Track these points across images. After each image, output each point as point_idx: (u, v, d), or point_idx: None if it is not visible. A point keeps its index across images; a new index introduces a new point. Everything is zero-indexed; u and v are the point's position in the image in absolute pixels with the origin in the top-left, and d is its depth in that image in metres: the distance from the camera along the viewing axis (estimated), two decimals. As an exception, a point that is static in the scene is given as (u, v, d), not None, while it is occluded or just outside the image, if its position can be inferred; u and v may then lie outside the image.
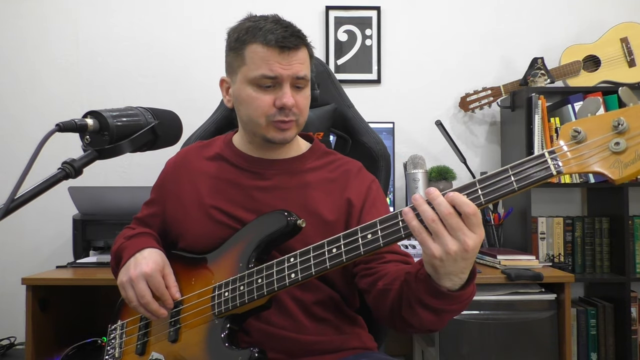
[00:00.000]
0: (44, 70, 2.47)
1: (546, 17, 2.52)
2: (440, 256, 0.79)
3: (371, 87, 2.51)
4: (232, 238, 1.06)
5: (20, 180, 0.69)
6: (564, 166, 0.76)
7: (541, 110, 2.18)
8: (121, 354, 1.12)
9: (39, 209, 2.09)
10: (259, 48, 1.03)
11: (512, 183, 0.77)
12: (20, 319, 1.80)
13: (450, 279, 0.83)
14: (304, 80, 1.07)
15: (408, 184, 2.12)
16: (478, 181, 0.80)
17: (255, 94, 1.05)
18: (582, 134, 0.75)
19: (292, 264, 0.94)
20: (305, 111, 1.10)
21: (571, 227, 2.28)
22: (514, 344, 1.72)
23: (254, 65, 1.04)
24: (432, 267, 0.83)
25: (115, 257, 1.15)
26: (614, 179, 0.73)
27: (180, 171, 1.19)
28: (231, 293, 0.99)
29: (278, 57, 1.03)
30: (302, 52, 1.06)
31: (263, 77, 1.03)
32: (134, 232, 1.17)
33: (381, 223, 0.86)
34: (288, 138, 1.09)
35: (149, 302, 1.01)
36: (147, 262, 1.04)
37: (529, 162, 0.77)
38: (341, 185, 1.12)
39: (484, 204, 0.79)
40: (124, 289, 1.05)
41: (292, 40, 1.03)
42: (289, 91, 1.04)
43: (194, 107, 2.06)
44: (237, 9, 2.46)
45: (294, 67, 1.04)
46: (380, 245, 0.85)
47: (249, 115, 1.08)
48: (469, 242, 0.77)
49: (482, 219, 2.17)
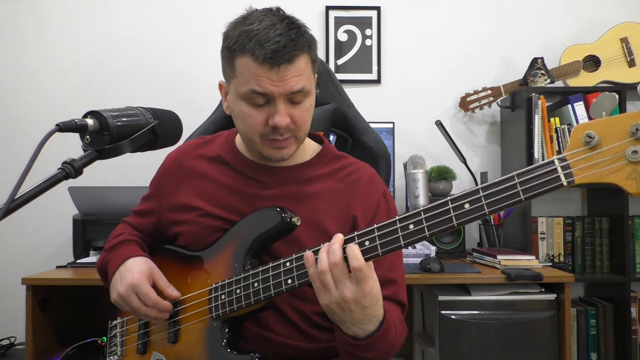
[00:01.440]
0: (44, 71, 2.47)
1: (546, 17, 2.52)
2: (327, 304, 0.85)
3: (371, 87, 2.51)
4: (225, 235, 1.04)
5: (20, 180, 0.69)
6: (575, 176, 0.69)
7: (541, 110, 2.18)
8: (123, 352, 1.12)
9: (39, 208, 2.09)
10: (248, 62, 0.93)
11: (519, 192, 0.72)
12: (20, 319, 1.80)
13: (349, 328, 0.88)
14: (302, 93, 0.97)
15: (408, 184, 2.12)
16: (482, 188, 0.75)
17: (247, 110, 0.97)
18: (596, 139, 0.67)
19: (288, 269, 0.92)
20: (304, 125, 1.01)
21: (571, 227, 2.28)
22: (514, 344, 1.72)
23: (243, 78, 0.95)
24: (328, 315, 0.89)
25: (101, 272, 1.14)
26: (631, 193, 0.66)
27: (179, 169, 1.14)
28: (228, 296, 0.98)
29: (268, 73, 0.92)
30: (298, 63, 0.95)
31: (253, 93, 0.95)
32: (115, 242, 1.13)
33: (379, 230, 0.84)
34: (285, 156, 1.02)
35: (147, 312, 1.01)
36: (132, 273, 1.01)
37: (537, 170, 0.72)
38: (348, 199, 1.06)
39: (487, 214, 0.75)
40: (120, 306, 1.04)
41: (284, 53, 0.92)
42: (282, 109, 0.95)
43: (194, 107, 2.06)
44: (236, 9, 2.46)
45: (288, 83, 0.94)
46: (379, 254, 0.83)
47: (243, 131, 1.03)
48: (347, 293, 0.82)
49: (482, 219, 2.18)
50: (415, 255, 1.94)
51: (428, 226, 0.80)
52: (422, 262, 1.82)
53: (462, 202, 0.77)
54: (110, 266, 1.08)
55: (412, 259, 1.93)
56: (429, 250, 1.94)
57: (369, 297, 0.84)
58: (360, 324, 0.87)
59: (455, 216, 0.77)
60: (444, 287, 1.81)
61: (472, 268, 1.83)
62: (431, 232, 0.80)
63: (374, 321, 0.88)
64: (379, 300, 0.87)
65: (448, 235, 2.18)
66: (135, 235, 1.16)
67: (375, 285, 0.85)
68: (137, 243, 1.13)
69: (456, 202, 0.77)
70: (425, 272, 1.77)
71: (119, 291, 1.01)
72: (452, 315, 1.73)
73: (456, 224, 0.77)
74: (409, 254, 1.94)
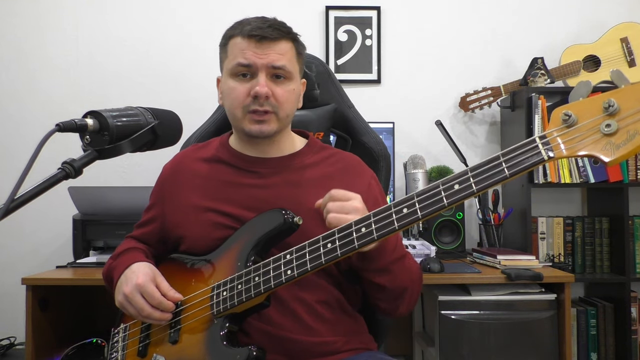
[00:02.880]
0: (44, 70, 2.47)
1: (546, 17, 2.52)
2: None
3: (371, 87, 2.51)
4: (230, 238, 1.06)
5: (20, 180, 0.69)
6: (555, 150, 0.75)
7: (541, 110, 2.18)
8: (124, 356, 1.12)
9: (39, 209, 2.09)
10: (238, 40, 1.07)
11: (504, 170, 0.77)
12: (20, 319, 1.80)
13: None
14: (283, 70, 1.07)
15: (408, 184, 2.12)
16: (470, 169, 0.80)
17: (233, 84, 1.07)
18: (572, 118, 0.74)
19: (287, 260, 0.94)
20: (286, 105, 1.09)
21: (571, 227, 2.28)
22: (514, 344, 1.72)
23: (232, 55, 1.07)
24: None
25: (107, 278, 1.16)
26: (606, 161, 0.71)
27: (177, 175, 1.18)
28: (229, 292, 0.99)
29: (253, 47, 1.05)
30: (282, 44, 1.07)
31: (238, 65, 1.05)
32: (121, 250, 1.17)
33: (375, 216, 0.87)
34: (265, 131, 1.08)
35: (150, 313, 1.02)
36: (137, 275, 1.04)
37: (520, 148, 0.77)
38: (340, 182, 1.11)
39: (476, 192, 0.79)
40: (124, 308, 1.06)
41: (269, 30, 1.05)
42: (263, 80, 1.05)
43: (194, 107, 2.06)
44: (236, 9, 2.47)
45: (270, 57, 1.05)
46: (374, 238, 0.87)
47: (228, 108, 1.11)
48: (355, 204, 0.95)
49: (482, 219, 2.18)
50: (415, 256, 1.93)
51: (421, 208, 0.84)
52: (422, 262, 1.82)
53: (451, 182, 0.82)
54: (116, 272, 1.10)
55: (412, 259, 1.93)
56: (429, 250, 1.94)
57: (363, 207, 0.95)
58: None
59: (445, 196, 0.82)
60: (444, 287, 1.81)
61: (472, 268, 1.83)
62: (424, 214, 0.83)
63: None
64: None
65: (448, 235, 2.18)
66: (140, 246, 1.20)
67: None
68: (142, 251, 1.17)
69: (446, 183, 0.82)
70: (425, 272, 1.77)
71: (124, 292, 1.03)
72: (452, 315, 1.73)
73: (447, 204, 0.82)
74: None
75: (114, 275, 1.11)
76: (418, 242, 2.04)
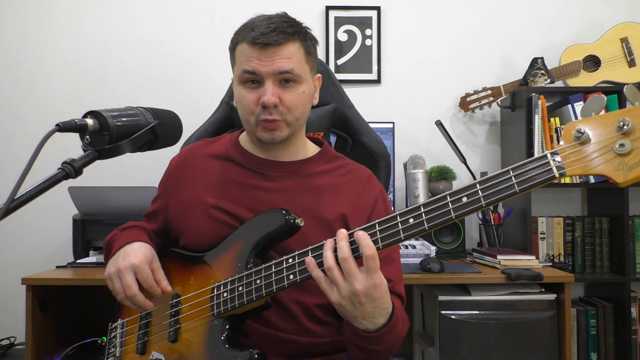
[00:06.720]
0: (44, 70, 2.47)
1: (546, 17, 2.52)
2: (337, 302, 0.85)
3: (371, 87, 2.51)
4: (230, 237, 1.06)
5: (20, 180, 0.69)
6: (567, 168, 0.73)
7: (541, 110, 2.18)
8: (122, 353, 1.12)
9: (39, 209, 2.10)
10: (243, 46, 1.04)
11: (514, 185, 0.76)
12: (20, 319, 1.80)
13: (360, 323, 0.89)
14: (291, 74, 1.03)
15: (408, 184, 2.12)
16: (478, 182, 0.79)
17: (243, 92, 1.05)
18: (585, 135, 0.72)
19: (290, 265, 0.93)
20: (295, 109, 1.05)
21: (571, 227, 2.28)
22: (514, 344, 1.72)
23: (239, 62, 1.05)
24: (339, 312, 0.89)
25: (107, 247, 1.15)
26: (618, 182, 0.70)
27: (184, 169, 1.17)
28: (230, 294, 0.98)
29: (258, 54, 1.01)
30: (288, 47, 1.02)
31: (244, 73, 1.03)
32: (128, 225, 1.17)
33: (380, 225, 0.86)
34: (277, 138, 1.06)
35: (135, 294, 1.00)
36: (137, 254, 1.03)
37: (531, 163, 0.76)
38: (347, 194, 1.11)
39: (484, 206, 0.78)
40: (110, 281, 1.03)
41: (273, 35, 1.00)
42: (270, 89, 1.02)
43: (194, 107, 2.06)
44: (236, 8, 2.47)
45: (276, 63, 1.01)
46: (379, 247, 0.85)
47: (241, 115, 1.09)
48: (358, 286, 0.82)
49: (483, 219, 2.18)
50: (415, 255, 1.94)
51: (427, 219, 0.82)
52: (422, 262, 1.82)
53: (459, 195, 0.80)
54: (117, 244, 1.09)
55: (412, 259, 1.93)
56: (429, 250, 1.94)
57: (379, 288, 0.85)
58: (371, 318, 0.88)
59: (453, 209, 0.80)
60: (444, 287, 1.81)
61: (472, 268, 1.83)
62: (430, 225, 0.82)
63: (384, 314, 0.89)
64: (388, 292, 0.89)
65: (448, 235, 2.18)
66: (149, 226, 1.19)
67: (384, 278, 0.86)
68: (147, 234, 1.16)
69: (454, 196, 0.81)
70: (425, 272, 1.77)
71: (118, 266, 1.02)
72: (452, 315, 1.73)
73: (454, 217, 0.80)
74: (409, 254, 1.94)
75: (113, 246, 1.10)
76: (418, 242, 2.04)
